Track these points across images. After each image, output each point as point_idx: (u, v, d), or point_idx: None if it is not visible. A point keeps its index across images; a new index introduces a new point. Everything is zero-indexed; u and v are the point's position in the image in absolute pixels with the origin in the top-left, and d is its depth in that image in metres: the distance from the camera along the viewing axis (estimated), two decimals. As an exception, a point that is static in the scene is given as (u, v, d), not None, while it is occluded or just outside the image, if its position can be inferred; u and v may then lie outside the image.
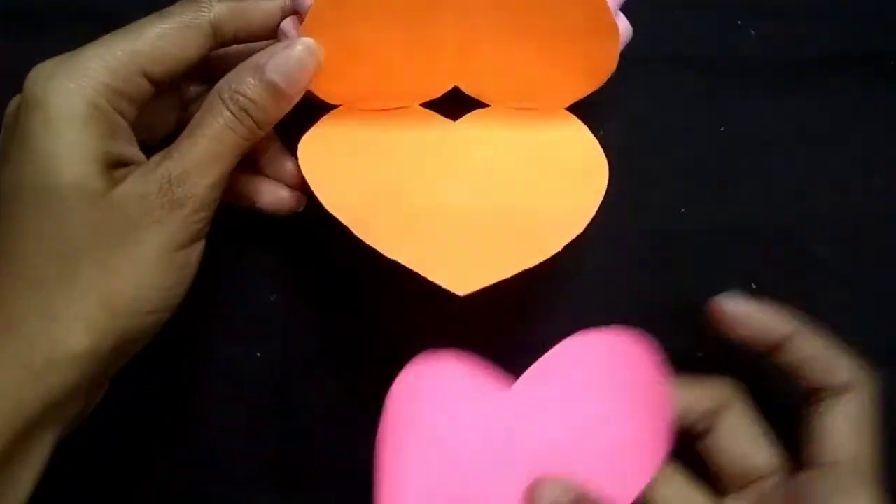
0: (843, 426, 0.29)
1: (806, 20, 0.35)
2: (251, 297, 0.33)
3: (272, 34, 0.29)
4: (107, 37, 0.27)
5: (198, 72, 0.29)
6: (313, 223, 0.33)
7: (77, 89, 0.25)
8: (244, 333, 0.34)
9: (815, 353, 0.29)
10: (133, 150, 0.27)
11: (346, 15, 0.27)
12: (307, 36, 0.27)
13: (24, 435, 0.24)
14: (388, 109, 0.32)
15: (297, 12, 0.28)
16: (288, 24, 0.28)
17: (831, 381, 0.29)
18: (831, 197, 0.34)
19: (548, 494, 0.29)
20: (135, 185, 0.26)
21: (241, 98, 0.26)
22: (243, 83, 0.27)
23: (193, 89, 0.32)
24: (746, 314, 0.30)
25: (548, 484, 0.29)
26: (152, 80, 0.27)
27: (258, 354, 0.34)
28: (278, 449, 0.33)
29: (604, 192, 0.32)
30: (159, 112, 0.30)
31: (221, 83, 0.27)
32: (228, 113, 0.26)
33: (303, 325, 0.34)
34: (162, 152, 0.26)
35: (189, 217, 0.26)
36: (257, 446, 0.33)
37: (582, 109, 0.32)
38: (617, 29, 0.29)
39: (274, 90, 0.27)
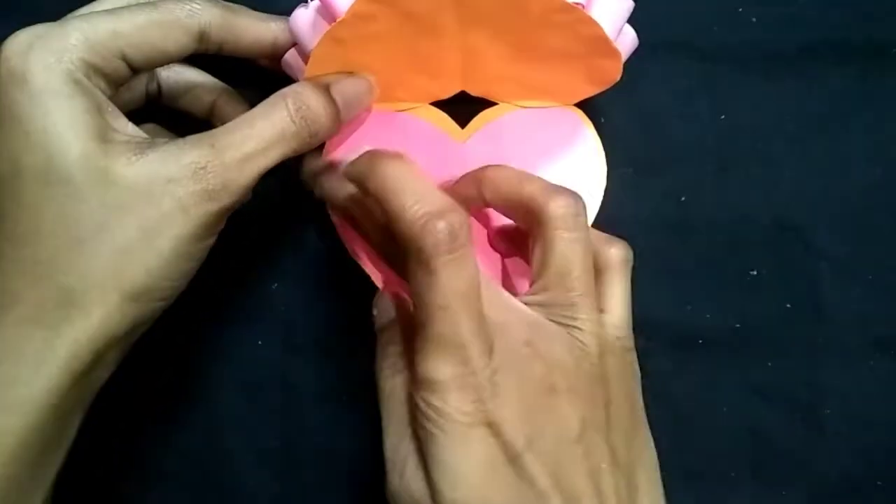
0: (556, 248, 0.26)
1: (807, 7, 0.34)
2: (253, 286, 0.34)
3: (258, 56, 0.29)
4: (89, 12, 0.26)
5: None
6: (314, 214, 0.33)
7: (57, 63, 0.24)
8: (246, 322, 0.34)
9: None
10: (126, 124, 0.26)
11: (348, 52, 0.27)
12: (310, 72, 0.27)
13: (55, 421, 0.24)
14: (400, 110, 0.32)
15: (296, 44, 0.28)
16: (291, 57, 0.28)
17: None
18: (832, 185, 0.34)
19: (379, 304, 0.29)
20: (162, 165, 0.24)
21: (303, 107, 0.26)
22: (310, 96, 0.26)
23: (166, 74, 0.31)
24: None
25: (379, 298, 0.29)
26: (130, 65, 0.26)
27: (259, 343, 0.34)
28: (279, 436, 0.34)
29: (603, 188, 0.33)
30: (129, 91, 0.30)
31: (287, 90, 0.27)
32: (289, 119, 0.26)
33: (304, 313, 0.34)
34: (197, 136, 0.25)
35: (217, 213, 0.25)
36: (258, 434, 0.33)
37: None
38: (618, 53, 0.28)
39: (333, 110, 0.27)
